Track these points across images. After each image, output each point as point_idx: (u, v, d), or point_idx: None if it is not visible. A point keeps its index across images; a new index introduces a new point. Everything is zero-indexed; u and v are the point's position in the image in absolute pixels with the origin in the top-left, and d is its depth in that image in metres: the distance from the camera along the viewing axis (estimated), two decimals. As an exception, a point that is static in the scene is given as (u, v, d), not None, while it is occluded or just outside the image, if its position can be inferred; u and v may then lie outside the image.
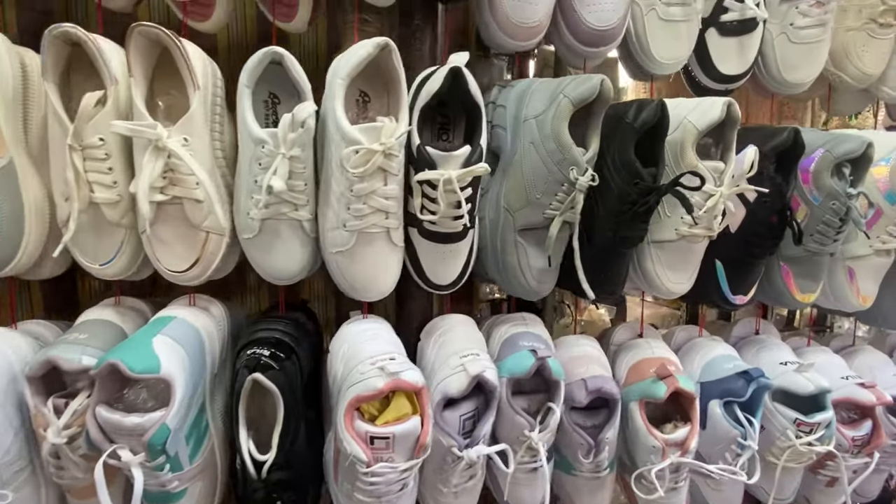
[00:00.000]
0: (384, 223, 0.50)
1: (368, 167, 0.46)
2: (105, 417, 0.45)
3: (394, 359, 0.48)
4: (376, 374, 0.46)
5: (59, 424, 0.47)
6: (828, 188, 0.60)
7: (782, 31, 0.65)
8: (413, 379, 0.47)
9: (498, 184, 0.59)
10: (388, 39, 0.46)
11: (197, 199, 0.49)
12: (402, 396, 0.48)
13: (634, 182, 0.53)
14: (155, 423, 0.45)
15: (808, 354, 0.76)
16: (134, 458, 0.45)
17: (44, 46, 0.45)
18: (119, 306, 0.57)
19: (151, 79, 0.50)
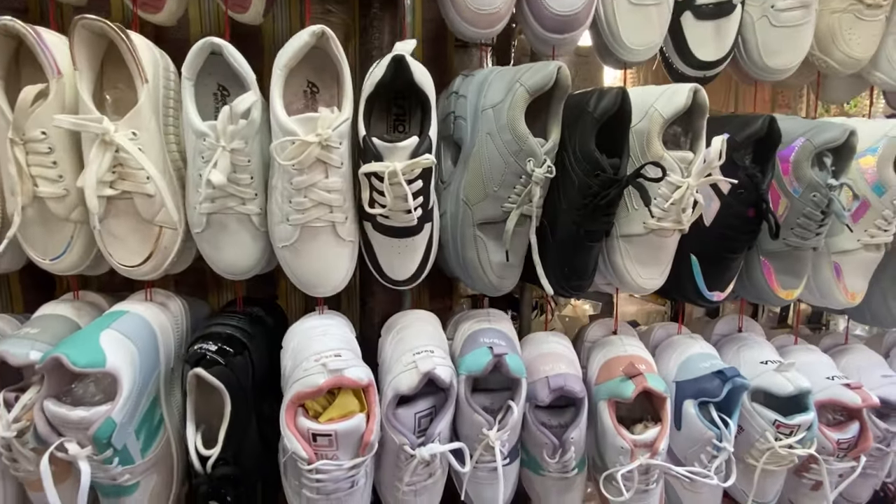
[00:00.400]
0: (329, 217, 0.49)
1: (304, 158, 0.45)
2: (52, 411, 0.45)
3: (339, 355, 0.47)
4: (318, 371, 0.45)
5: (8, 418, 0.47)
6: (808, 179, 0.57)
7: (763, 14, 0.62)
8: (356, 376, 0.46)
9: (458, 177, 0.57)
10: (324, 27, 0.45)
11: (147, 193, 0.48)
12: (349, 393, 0.47)
13: (595, 174, 0.51)
14: (100, 416, 0.45)
15: (793, 353, 0.73)
16: (81, 451, 0.45)
17: (-15, 41, 0.45)
18: (77, 301, 0.57)
19: (100, 72, 0.50)
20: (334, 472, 0.46)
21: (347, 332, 0.55)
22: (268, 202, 0.50)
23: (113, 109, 0.50)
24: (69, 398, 0.47)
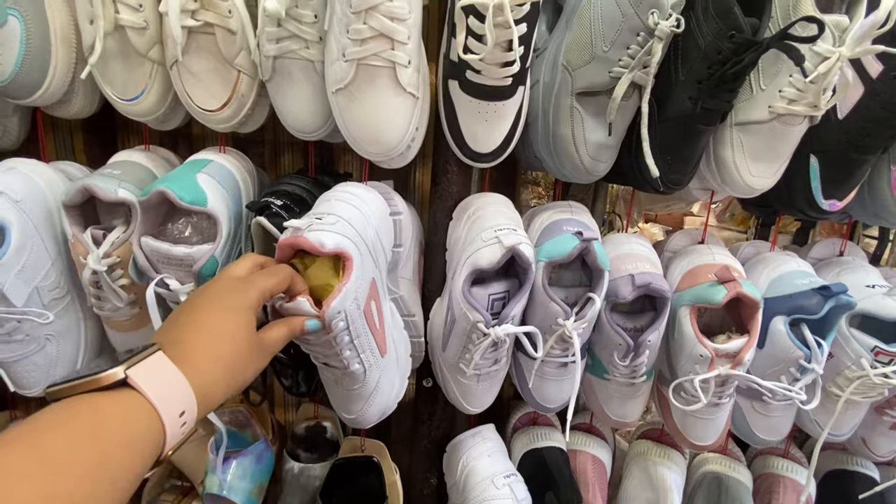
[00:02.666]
0: (389, 55, 0.43)
1: None
2: (153, 246, 0.45)
3: (320, 219, 0.42)
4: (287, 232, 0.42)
5: (98, 253, 0.47)
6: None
7: None
8: (316, 240, 0.40)
9: (558, 39, 0.51)
10: None
11: (230, 28, 0.45)
12: (326, 260, 0.41)
13: (730, 34, 0.44)
14: (205, 254, 0.45)
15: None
16: (182, 287, 0.45)
17: None
18: (149, 152, 0.56)
19: None
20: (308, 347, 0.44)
21: (368, 203, 0.48)
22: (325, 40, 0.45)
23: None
24: (163, 237, 0.47)
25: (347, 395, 0.49)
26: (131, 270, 0.48)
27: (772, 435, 0.64)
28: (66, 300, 0.52)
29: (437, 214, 0.60)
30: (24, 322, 0.48)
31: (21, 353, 0.50)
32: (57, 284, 0.50)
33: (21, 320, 0.48)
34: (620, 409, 0.62)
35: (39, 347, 0.51)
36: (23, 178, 0.48)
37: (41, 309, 0.48)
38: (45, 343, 0.51)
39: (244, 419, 0.68)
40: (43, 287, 0.49)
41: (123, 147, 0.66)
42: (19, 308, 0.47)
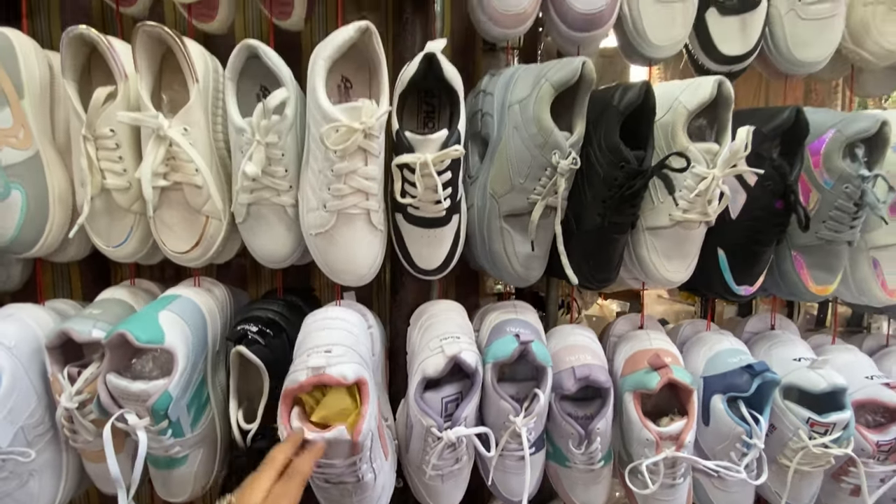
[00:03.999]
0: (364, 204, 0.51)
1: (349, 145, 0.47)
2: (114, 384, 0.49)
3: (329, 351, 0.48)
4: (303, 369, 0.47)
5: (71, 390, 0.52)
6: (839, 171, 0.57)
7: (791, 8, 0.62)
8: (340, 373, 0.46)
9: (485, 170, 0.59)
10: (368, 23, 0.48)
11: (196, 184, 0.53)
12: (342, 390, 0.47)
13: (620, 165, 0.52)
14: (159, 389, 0.49)
15: (830, 352, 0.71)
16: (139, 421, 0.49)
17: (62, 47, 0.51)
18: (133, 287, 0.62)
19: (158, 74, 0.55)
20: (329, 469, 0.48)
21: (354, 325, 0.56)
22: (300, 191, 0.53)
23: (169, 108, 0.55)
24: (128, 373, 0.52)
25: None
26: (94, 407, 0.51)
27: (734, 510, 0.66)
28: (48, 435, 0.56)
29: (397, 322, 0.65)
30: (8, 461, 0.51)
31: (4, 491, 0.53)
32: (41, 421, 0.54)
33: (5, 460, 0.51)
34: (585, 495, 0.65)
35: (22, 483, 0.54)
36: (18, 324, 0.54)
37: (25, 447, 0.52)
38: (28, 479, 0.54)
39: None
40: (28, 425, 0.53)
41: (117, 276, 0.73)
42: (4, 449, 0.50)
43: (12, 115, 0.52)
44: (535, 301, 0.93)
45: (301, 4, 0.59)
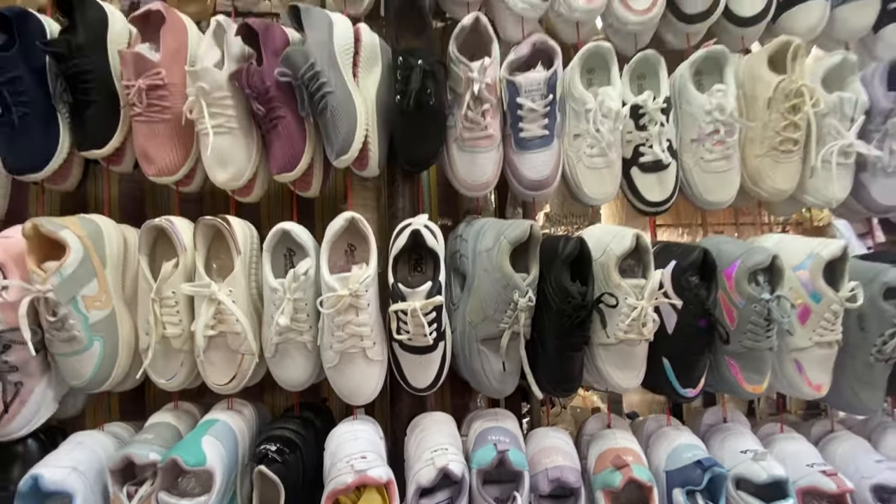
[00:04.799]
0: (360, 345, 0.66)
1: (340, 307, 0.63)
2: (164, 501, 0.60)
3: (365, 457, 0.61)
4: (347, 472, 0.59)
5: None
6: (747, 294, 0.71)
7: (696, 163, 0.80)
8: (377, 475, 0.59)
9: (464, 302, 0.74)
10: (353, 214, 0.66)
11: (236, 332, 0.67)
12: (373, 490, 0.59)
13: (568, 301, 0.67)
14: None
15: (778, 442, 0.80)
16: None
17: (141, 233, 0.68)
18: (176, 410, 0.74)
19: (209, 245, 0.72)
20: None
21: (375, 435, 0.69)
22: (319, 336, 0.68)
23: (217, 273, 0.71)
24: (176, 491, 0.63)
25: None
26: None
27: None
28: (104, 548, 0.65)
29: (396, 431, 0.77)
30: (71, 574, 0.61)
31: None
32: (100, 536, 0.65)
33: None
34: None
35: None
36: (87, 451, 0.66)
37: (85, 561, 0.62)
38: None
39: None
40: (88, 540, 0.63)
41: (149, 400, 0.85)
42: (71, 564, 0.60)
43: (98, 284, 0.68)
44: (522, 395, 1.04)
45: (317, 180, 0.78)
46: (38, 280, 0.62)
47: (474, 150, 0.75)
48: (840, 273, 0.74)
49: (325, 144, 0.71)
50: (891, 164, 0.81)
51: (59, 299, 0.63)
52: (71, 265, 0.64)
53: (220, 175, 0.72)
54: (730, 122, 0.76)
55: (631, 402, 1.10)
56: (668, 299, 0.68)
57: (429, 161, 0.76)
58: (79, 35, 0.69)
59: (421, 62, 0.67)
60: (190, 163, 0.74)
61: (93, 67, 0.69)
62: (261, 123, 0.72)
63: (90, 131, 0.71)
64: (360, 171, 0.76)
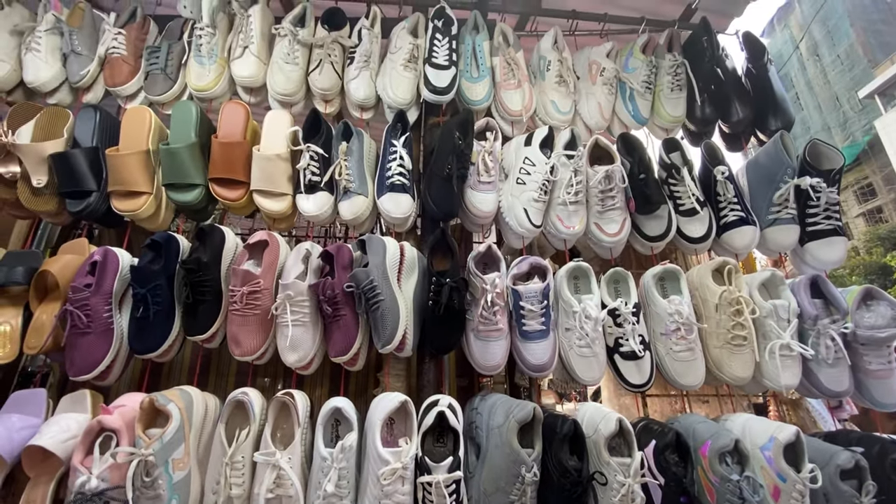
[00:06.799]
0: None
1: (394, 477, 0.77)
2: None
3: None
4: None
5: None
6: (720, 474, 0.83)
7: (667, 353, 0.99)
8: None
9: (478, 471, 0.87)
10: (406, 398, 0.84)
11: (290, 495, 0.81)
12: None
13: (566, 476, 0.80)
14: None
15: None
16: None
17: (225, 407, 0.86)
18: None
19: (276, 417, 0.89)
20: None
21: None
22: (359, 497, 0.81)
23: (280, 441, 0.88)
24: None
25: None
26: None
27: None
28: None
29: None
30: None
31: None
32: None
33: None
34: None
35: None
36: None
37: None
38: None
39: None
40: None
41: None
42: None
43: (184, 448, 0.84)
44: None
45: (362, 360, 0.98)
46: (143, 445, 0.79)
47: (487, 339, 0.96)
48: (800, 455, 0.87)
49: (374, 335, 0.93)
50: (829, 357, 0.99)
51: (157, 462, 0.79)
52: (170, 433, 0.82)
53: (291, 357, 0.93)
54: (687, 323, 0.97)
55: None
56: (651, 476, 0.81)
57: (451, 348, 0.97)
58: (206, 254, 0.97)
59: (448, 280, 0.92)
60: (266, 346, 0.96)
61: (210, 277, 0.95)
62: (326, 318, 0.95)
63: (199, 322, 0.94)
64: (398, 353, 0.96)
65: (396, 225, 1.08)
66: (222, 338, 0.99)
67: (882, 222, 9.68)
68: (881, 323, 0.97)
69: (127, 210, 1.03)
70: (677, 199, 1.13)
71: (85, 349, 0.91)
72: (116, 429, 0.81)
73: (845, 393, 0.99)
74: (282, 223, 1.11)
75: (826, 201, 1.09)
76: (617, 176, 1.06)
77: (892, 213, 9.78)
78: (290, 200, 1.07)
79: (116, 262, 0.96)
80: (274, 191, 1.06)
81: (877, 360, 0.99)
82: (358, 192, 1.05)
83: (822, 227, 1.11)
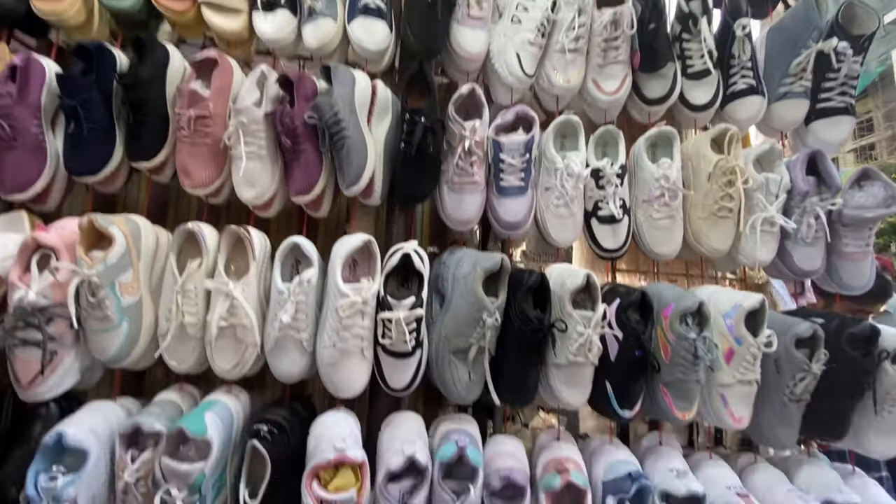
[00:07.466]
0: (360, 344, 0.78)
1: (352, 311, 0.75)
2: (167, 464, 0.70)
3: (345, 440, 0.71)
4: (330, 450, 0.70)
5: (132, 468, 0.72)
6: (677, 332, 0.84)
7: (646, 220, 0.95)
8: (354, 455, 0.69)
9: (441, 318, 0.86)
10: (370, 237, 0.79)
11: (244, 325, 0.79)
12: (349, 469, 0.70)
13: (528, 324, 0.80)
14: (198, 470, 0.70)
15: (704, 466, 0.92)
16: (179, 494, 0.69)
17: (175, 235, 0.81)
18: (181, 391, 0.85)
19: (230, 250, 0.84)
20: None
21: (354, 426, 0.80)
22: (318, 335, 0.80)
23: (234, 274, 0.84)
24: (176, 457, 0.73)
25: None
26: (150, 481, 0.72)
27: None
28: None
29: (372, 427, 0.87)
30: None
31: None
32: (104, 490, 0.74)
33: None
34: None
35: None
36: (102, 417, 0.76)
37: (92, 512, 0.71)
38: (84, 540, 0.72)
39: None
40: (98, 493, 0.72)
41: (148, 376, 0.95)
42: (80, 511, 0.69)
43: (133, 273, 0.80)
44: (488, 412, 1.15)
45: (327, 203, 0.92)
46: (85, 265, 0.74)
47: (462, 192, 0.90)
48: (760, 322, 0.88)
49: (339, 176, 0.86)
50: (808, 235, 0.96)
51: (101, 283, 0.75)
52: (115, 256, 0.76)
53: (247, 193, 0.85)
54: (673, 188, 0.92)
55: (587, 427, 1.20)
56: (611, 329, 0.81)
57: (422, 198, 0.91)
58: (145, 70, 0.84)
59: (423, 120, 0.82)
60: (221, 180, 0.88)
61: (153, 96, 0.84)
62: (285, 153, 0.86)
63: (142, 146, 0.85)
64: (365, 200, 0.90)
65: (370, 61, 0.95)
66: (172, 171, 0.90)
67: (872, 159, 9.57)
68: (871, 203, 0.93)
69: (50, 12, 0.87)
70: (687, 60, 1.01)
71: (14, 166, 0.82)
72: (54, 246, 0.75)
73: (815, 273, 0.98)
74: (237, 49, 0.96)
75: (846, 73, 0.99)
76: (626, 20, 0.92)
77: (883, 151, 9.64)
78: (245, 19, 0.92)
79: (42, 70, 0.83)
80: (226, 4, 0.90)
81: (854, 241, 0.97)
82: (325, 14, 0.90)
83: (833, 103, 1.02)
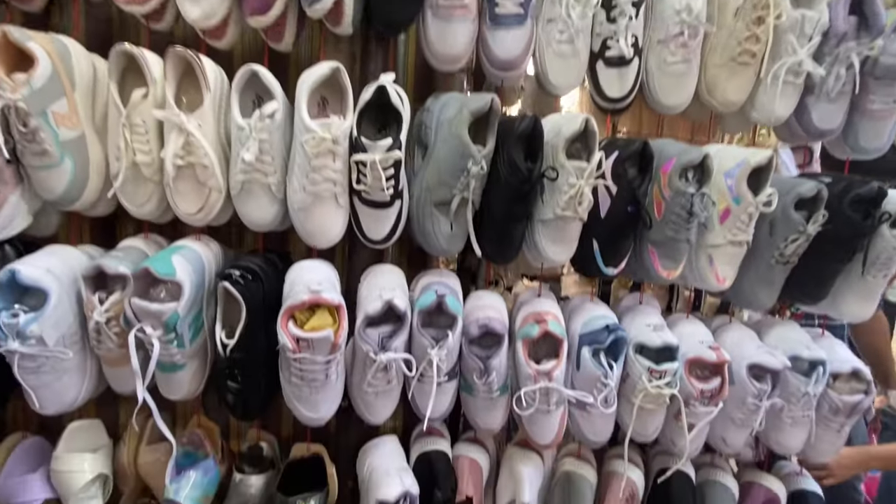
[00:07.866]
0: (332, 189, 0.71)
1: (321, 149, 0.67)
2: (138, 304, 0.68)
3: (320, 284, 0.69)
4: (304, 292, 0.67)
5: (101, 309, 0.70)
6: (675, 188, 0.79)
7: (658, 66, 0.84)
8: (330, 297, 0.67)
9: (423, 169, 0.79)
10: (339, 64, 0.68)
11: (204, 164, 0.71)
12: (325, 311, 0.68)
13: (516, 174, 0.73)
14: (171, 309, 0.68)
15: (680, 324, 0.94)
16: (154, 332, 0.68)
17: (111, 57, 0.69)
18: (147, 239, 0.80)
19: (180, 81, 0.73)
20: (310, 365, 0.68)
21: (332, 273, 0.77)
22: (288, 179, 0.73)
23: (187, 107, 0.73)
24: (147, 298, 0.70)
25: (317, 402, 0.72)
26: (122, 322, 0.70)
27: (597, 436, 0.89)
28: (79, 344, 0.74)
29: (350, 279, 0.85)
30: (51, 359, 0.70)
31: (44, 382, 0.71)
32: (76, 332, 0.73)
33: (49, 357, 0.69)
34: (485, 419, 0.86)
35: (58, 378, 0.72)
36: (61, 259, 0.72)
37: (64, 348, 0.70)
38: (62, 375, 0.72)
39: (198, 440, 0.87)
40: (67, 334, 0.71)
41: (119, 230, 0.91)
42: (50, 347, 0.68)
43: (68, 103, 0.70)
44: (471, 277, 1.15)
45: (290, 32, 0.78)
46: (8, 88, 0.64)
47: (449, 19, 0.76)
48: (763, 181, 0.83)
49: (299, -9, 0.71)
50: (834, 89, 0.86)
51: (30, 110, 0.65)
52: (40, 78, 0.65)
53: (193, 11, 0.71)
54: (695, 23, 0.79)
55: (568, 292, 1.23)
56: (604, 180, 0.75)
57: (403, 24, 0.77)
58: None
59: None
60: None
61: None
62: (235, -40, 0.70)
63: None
64: (334, 27, 0.76)
65: None
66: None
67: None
68: (913, 50, 0.82)
69: None
70: None
71: None
72: (-35, 64, 0.64)
73: (832, 133, 0.91)
74: None
75: None
76: None
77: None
78: None
79: None
80: None
81: (882, 98, 0.87)
82: None
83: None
